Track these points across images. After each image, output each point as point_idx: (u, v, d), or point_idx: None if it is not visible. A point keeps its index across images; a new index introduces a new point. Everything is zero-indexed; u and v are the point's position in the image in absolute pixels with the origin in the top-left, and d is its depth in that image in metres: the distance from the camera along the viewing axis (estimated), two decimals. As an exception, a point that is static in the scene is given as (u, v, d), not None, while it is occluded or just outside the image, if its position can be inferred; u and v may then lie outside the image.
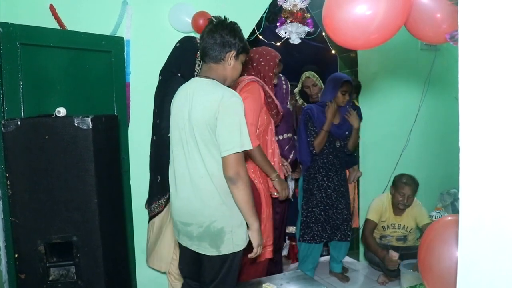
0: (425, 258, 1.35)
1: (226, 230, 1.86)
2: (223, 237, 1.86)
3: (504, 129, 0.82)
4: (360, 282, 3.55)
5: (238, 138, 1.76)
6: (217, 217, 1.86)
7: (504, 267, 0.84)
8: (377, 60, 3.78)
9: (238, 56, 1.91)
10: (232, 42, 1.87)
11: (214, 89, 1.81)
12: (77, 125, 1.98)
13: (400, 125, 3.86)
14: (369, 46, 1.51)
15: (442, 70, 3.78)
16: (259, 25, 3.27)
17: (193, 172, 1.86)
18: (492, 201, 0.86)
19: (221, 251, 1.87)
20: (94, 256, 2.06)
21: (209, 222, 1.86)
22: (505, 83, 0.82)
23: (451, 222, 1.34)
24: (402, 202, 3.45)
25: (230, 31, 1.89)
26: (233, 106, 1.78)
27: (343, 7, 1.38)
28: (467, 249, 0.92)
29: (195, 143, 1.83)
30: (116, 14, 2.64)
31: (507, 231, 0.83)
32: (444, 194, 4.07)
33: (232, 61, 1.90)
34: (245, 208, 1.82)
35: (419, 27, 1.51)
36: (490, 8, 0.83)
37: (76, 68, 2.48)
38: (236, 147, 1.75)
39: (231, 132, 1.76)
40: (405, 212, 3.53)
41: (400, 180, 3.49)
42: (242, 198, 1.80)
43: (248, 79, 2.58)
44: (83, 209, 2.02)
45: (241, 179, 1.77)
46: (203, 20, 2.71)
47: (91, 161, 2.01)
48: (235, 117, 1.77)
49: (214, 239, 1.87)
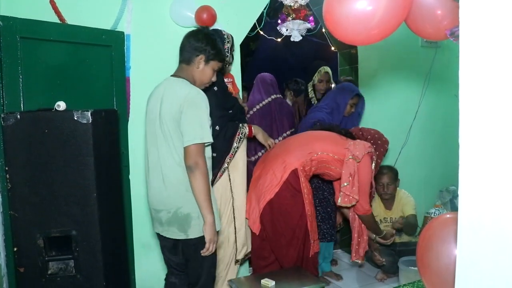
0: (423, 255, 1.35)
1: (193, 216, 2.01)
2: (190, 222, 2.01)
3: (504, 126, 0.82)
4: (358, 279, 3.56)
5: (199, 131, 1.93)
6: (183, 203, 2.01)
7: (503, 265, 0.84)
8: (378, 57, 3.78)
9: (209, 62, 2.09)
10: (203, 48, 2.06)
11: (182, 86, 2.00)
12: (77, 119, 1.98)
13: (400, 121, 3.86)
14: (369, 41, 1.51)
15: (442, 67, 3.77)
16: (260, 20, 3.26)
17: (163, 162, 2.01)
18: (491, 199, 0.86)
19: (189, 235, 2.02)
20: (93, 250, 2.06)
21: (176, 208, 2.01)
22: (506, 80, 0.81)
23: (449, 220, 1.34)
24: (384, 192, 3.51)
25: (204, 38, 2.08)
26: (196, 101, 1.96)
27: (344, 2, 1.38)
28: (466, 246, 0.92)
29: (164, 135, 1.99)
30: (117, 9, 2.64)
31: (506, 230, 0.83)
32: (443, 191, 4.07)
33: (201, 65, 2.08)
34: (200, 197, 1.93)
35: (419, 23, 1.51)
36: (492, 4, 0.83)
37: (76, 62, 2.48)
38: (196, 139, 1.91)
39: (193, 125, 1.93)
40: (394, 205, 3.56)
41: (378, 171, 3.55)
42: (198, 186, 1.92)
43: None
44: (83, 203, 2.02)
45: (199, 168, 1.91)
46: (207, 14, 2.71)
47: (90, 155, 2.01)
48: (197, 111, 1.95)
49: (181, 224, 2.02)
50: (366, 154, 2.69)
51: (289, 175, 2.60)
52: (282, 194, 2.60)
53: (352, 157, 2.65)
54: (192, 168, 1.91)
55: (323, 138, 2.79)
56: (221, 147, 2.51)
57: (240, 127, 2.58)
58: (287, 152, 2.70)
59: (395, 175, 3.55)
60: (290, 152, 2.69)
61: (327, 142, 2.75)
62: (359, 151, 2.66)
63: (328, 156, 2.68)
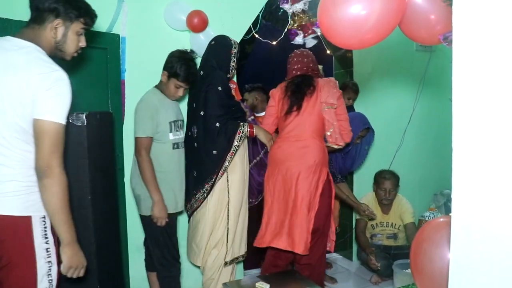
0: (417, 258, 1.36)
1: (142, 198, 2.50)
2: (140, 202, 2.55)
3: (497, 130, 0.83)
4: (353, 282, 3.56)
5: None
6: (135, 186, 2.56)
7: (495, 268, 0.85)
8: (373, 61, 3.79)
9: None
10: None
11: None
12: (72, 121, 1.97)
13: (395, 125, 3.88)
14: (363, 46, 1.51)
15: (436, 71, 3.79)
16: (255, 23, 3.27)
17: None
18: (484, 203, 0.86)
19: (142, 212, 2.55)
20: (87, 253, 2.02)
21: (133, 189, 2.60)
22: (499, 85, 0.82)
23: (442, 224, 1.35)
24: (385, 197, 3.53)
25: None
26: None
27: (338, 6, 1.39)
28: (458, 250, 0.92)
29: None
30: (112, 11, 2.64)
31: (498, 233, 0.84)
32: (438, 194, 4.09)
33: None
34: (145, 180, 2.48)
35: (413, 28, 1.52)
36: (485, 9, 0.84)
37: (71, 64, 2.47)
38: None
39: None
40: (391, 209, 3.58)
41: (380, 175, 3.59)
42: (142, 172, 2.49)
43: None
44: (77, 205, 2.01)
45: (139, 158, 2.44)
46: (198, 19, 2.71)
47: (85, 158, 2.00)
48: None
49: (137, 202, 2.59)
50: (338, 92, 2.71)
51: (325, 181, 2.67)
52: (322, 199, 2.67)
53: (328, 106, 2.66)
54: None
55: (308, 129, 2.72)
56: (222, 144, 2.53)
57: (241, 126, 2.59)
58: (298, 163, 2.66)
59: (397, 181, 3.57)
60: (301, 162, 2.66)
61: (312, 128, 2.71)
62: (332, 98, 2.66)
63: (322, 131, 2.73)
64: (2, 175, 1.52)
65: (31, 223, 1.54)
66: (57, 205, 1.50)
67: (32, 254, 1.54)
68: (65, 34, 1.65)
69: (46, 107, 1.48)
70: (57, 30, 1.61)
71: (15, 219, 1.51)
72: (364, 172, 3.85)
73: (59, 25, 1.61)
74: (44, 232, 1.57)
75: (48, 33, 1.61)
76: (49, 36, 1.61)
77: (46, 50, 1.61)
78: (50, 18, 1.59)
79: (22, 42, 1.57)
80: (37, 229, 1.55)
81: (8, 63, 1.51)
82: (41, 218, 1.56)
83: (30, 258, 1.54)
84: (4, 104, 1.48)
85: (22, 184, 1.52)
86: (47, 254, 1.58)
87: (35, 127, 1.48)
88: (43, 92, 1.46)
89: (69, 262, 1.57)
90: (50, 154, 1.48)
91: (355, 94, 3.76)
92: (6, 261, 1.53)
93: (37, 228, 1.55)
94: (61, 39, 1.65)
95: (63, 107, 1.51)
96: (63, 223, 1.53)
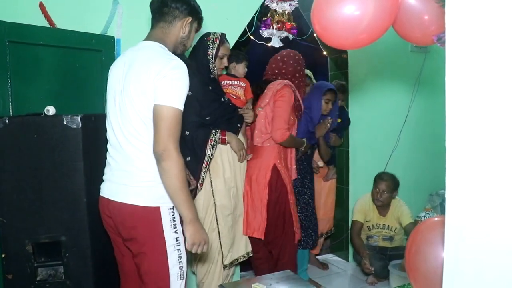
0: (411, 258, 1.36)
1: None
2: None
3: (490, 131, 0.83)
4: (349, 283, 3.57)
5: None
6: None
7: (488, 267, 0.85)
8: (368, 62, 3.80)
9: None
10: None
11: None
12: (67, 124, 1.97)
13: (390, 126, 3.89)
14: (357, 46, 1.52)
15: (431, 72, 3.81)
16: (250, 25, 3.27)
17: None
18: (477, 202, 0.87)
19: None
20: (83, 256, 2.04)
21: None
22: (492, 85, 0.83)
23: (437, 223, 1.36)
24: (377, 197, 3.53)
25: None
26: None
27: (332, 7, 1.40)
28: (452, 249, 0.93)
29: None
30: (107, 13, 2.63)
31: (491, 232, 0.84)
32: (433, 195, 4.10)
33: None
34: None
35: (407, 28, 1.53)
36: (477, 10, 0.84)
37: (66, 66, 2.47)
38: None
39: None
40: (389, 212, 3.58)
41: (379, 176, 3.61)
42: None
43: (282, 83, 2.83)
44: (72, 208, 2.01)
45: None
46: None
47: (80, 160, 1.99)
48: None
49: None
50: (274, 95, 2.80)
51: (271, 175, 2.79)
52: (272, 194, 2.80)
53: (258, 108, 2.83)
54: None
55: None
56: (194, 154, 2.47)
57: (212, 134, 2.50)
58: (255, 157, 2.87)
59: (394, 185, 3.55)
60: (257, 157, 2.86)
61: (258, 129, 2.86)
62: (261, 101, 2.83)
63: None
64: (134, 167, 1.71)
65: (160, 214, 1.69)
66: (177, 186, 1.61)
67: (163, 243, 1.70)
68: (190, 31, 1.88)
69: (163, 93, 1.61)
70: (186, 26, 1.84)
71: (145, 209, 1.69)
72: (360, 173, 3.86)
73: (188, 22, 1.84)
74: (173, 222, 1.72)
75: (178, 29, 1.83)
76: (178, 32, 1.83)
77: (169, 46, 1.82)
78: (180, 16, 1.81)
79: (147, 42, 1.82)
80: (166, 219, 1.70)
81: (134, 59, 1.73)
82: (170, 209, 1.71)
83: (161, 246, 1.70)
84: (133, 96, 1.67)
85: (152, 175, 1.68)
86: (177, 243, 1.73)
87: (154, 112, 1.62)
88: (160, 79, 1.60)
89: (192, 238, 1.66)
90: (168, 138, 1.59)
91: (342, 94, 3.76)
92: (140, 247, 1.72)
93: (166, 218, 1.70)
94: (187, 35, 1.87)
95: (179, 93, 1.63)
96: (184, 202, 1.63)
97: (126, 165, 1.74)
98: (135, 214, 1.69)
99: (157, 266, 1.72)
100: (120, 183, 1.75)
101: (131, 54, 1.80)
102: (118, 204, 1.73)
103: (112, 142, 1.82)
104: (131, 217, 1.71)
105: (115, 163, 1.79)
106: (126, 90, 1.71)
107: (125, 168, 1.74)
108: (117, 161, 1.77)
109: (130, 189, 1.72)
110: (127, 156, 1.73)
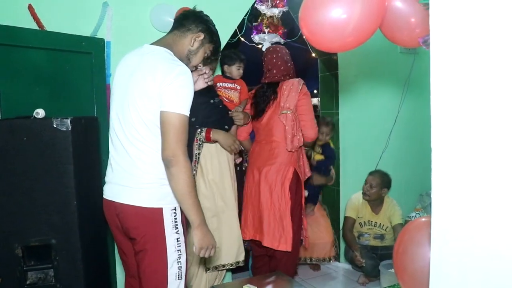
0: (399, 258, 1.38)
1: None
2: None
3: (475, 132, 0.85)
4: (340, 282, 3.58)
5: None
6: None
7: (472, 270, 0.87)
8: (357, 63, 3.83)
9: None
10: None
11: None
12: (56, 126, 1.96)
13: (380, 127, 3.91)
14: (345, 48, 1.54)
15: (421, 73, 3.82)
16: (241, 27, 3.28)
17: None
18: (462, 203, 0.88)
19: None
20: (73, 260, 2.03)
21: None
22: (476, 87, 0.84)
23: (424, 224, 1.37)
24: (365, 192, 3.60)
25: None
26: None
27: (319, 10, 1.41)
28: (438, 249, 0.94)
29: None
30: (97, 15, 2.62)
31: (476, 233, 0.85)
32: (423, 195, 4.14)
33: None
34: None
35: (394, 31, 1.54)
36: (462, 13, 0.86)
37: (55, 69, 2.46)
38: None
39: None
40: (381, 210, 3.61)
41: (370, 172, 3.67)
42: None
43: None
44: (62, 211, 2.00)
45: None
46: None
47: (70, 163, 1.98)
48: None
49: None
50: (298, 95, 2.78)
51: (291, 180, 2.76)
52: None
53: (284, 110, 2.76)
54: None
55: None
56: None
57: (197, 133, 2.51)
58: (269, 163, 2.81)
59: (383, 181, 3.58)
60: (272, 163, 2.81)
61: (276, 132, 2.84)
62: (289, 102, 2.76)
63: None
64: (137, 169, 1.73)
65: (162, 214, 1.72)
66: (185, 191, 1.63)
67: (163, 243, 1.73)
68: (199, 48, 1.89)
69: (170, 100, 1.63)
70: (195, 41, 1.86)
71: (148, 209, 1.72)
72: (351, 173, 3.88)
73: (199, 38, 1.86)
74: (175, 223, 1.75)
75: (188, 41, 1.85)
76: (187, 44, 1.86)
77: (176, 55, 1.82)
78: (194, 30, 1.85)
79: (154, 47, 1.83)
80: (168, 220, 1.74)
81: (140, 64, 1.74)
82: (172, 210, 1.75)
83: (162, 245, 1.73)
84: (136, 100, 1.69)
85: (155, 176, 1.72)
86: (177, 244, 1.75)
87: (161, 119, 1.64)
88: (166, 86, 1.62)
89: (200, 243, 1.68)
90: (176, 144, 1.62)
91: (326, 127, 3.70)
92: (142, 246, 1.75)
93: (168, 219, 1.74)
94: (194, 50, 1.88)
95: (185, 99, 1.66)
96: (192, 206, 1.65)
97: (129, 167, 1.76)
98: (138, 215, 1.74)
99: (156, 265, 1.75)
100: (123, 184, 1.79)
101: (137, 58, 1.81)
102: (121, 205, 1.78)
103: (115, 144, 1.85)
104: (134, 218, 1.75)
105: (117, 165, 1.82)
106: (130, 94, 1.73)
107: (128, 170, 1.77)
108: (120, 163, 1.80)
109: (133, 191, 1.75)
110: (130, 159, 1.75)
